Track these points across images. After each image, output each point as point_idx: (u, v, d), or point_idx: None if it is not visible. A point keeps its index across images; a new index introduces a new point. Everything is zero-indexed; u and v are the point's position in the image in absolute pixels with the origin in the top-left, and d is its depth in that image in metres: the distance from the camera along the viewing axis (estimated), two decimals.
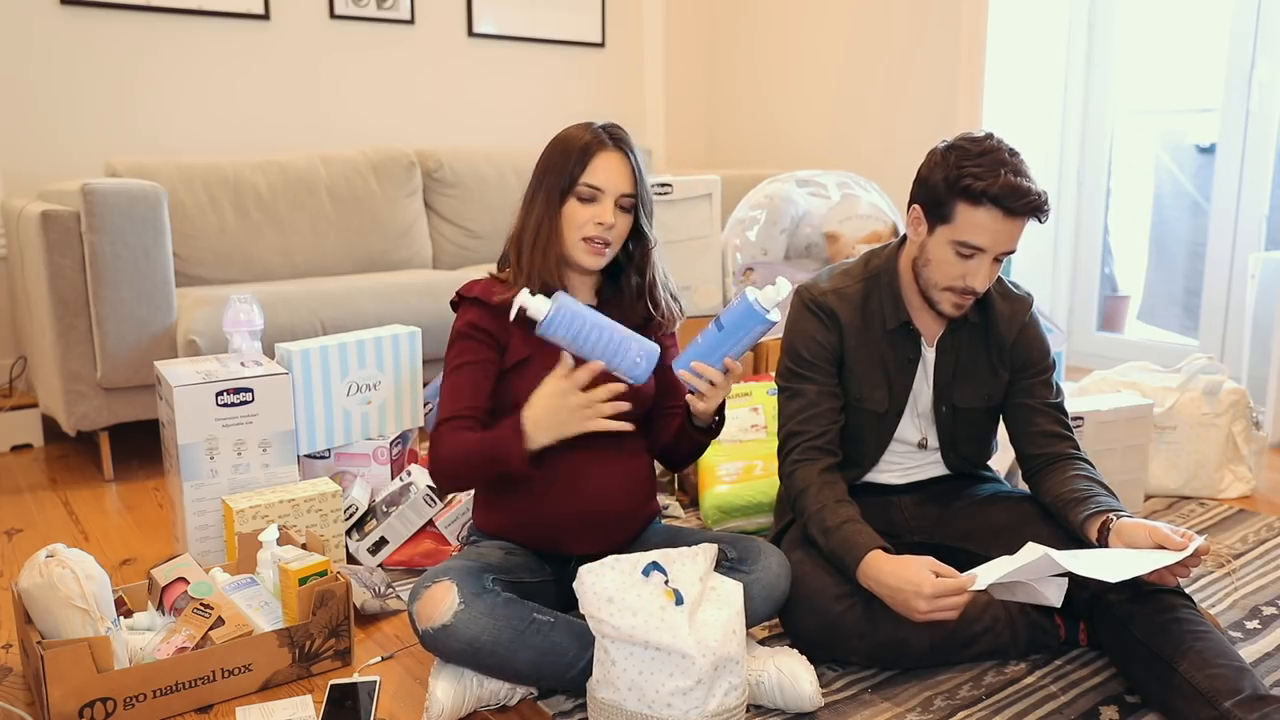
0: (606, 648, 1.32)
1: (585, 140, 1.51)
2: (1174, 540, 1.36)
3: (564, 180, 1.51)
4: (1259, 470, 2.41)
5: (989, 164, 1.47)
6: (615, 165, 1.51)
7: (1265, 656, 1.59)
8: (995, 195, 1.45)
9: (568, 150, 1.52)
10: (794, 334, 1.68)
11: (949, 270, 1.54)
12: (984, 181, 1.46)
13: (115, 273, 2.41)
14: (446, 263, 3.52)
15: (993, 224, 1.48)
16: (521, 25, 4.00)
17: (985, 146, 1.49)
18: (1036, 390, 1.67)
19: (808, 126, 4.09)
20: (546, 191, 1.52)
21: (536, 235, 1.53)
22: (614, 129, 1.54)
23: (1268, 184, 3.15)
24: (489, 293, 1.54)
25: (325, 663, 1.58)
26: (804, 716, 1.43)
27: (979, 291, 1.54)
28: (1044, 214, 1.50)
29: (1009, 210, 1.47)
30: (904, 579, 1.42)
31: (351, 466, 2.17)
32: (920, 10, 3.59)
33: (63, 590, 1.40)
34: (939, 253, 1.55)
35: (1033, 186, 1.47)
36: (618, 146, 1.52)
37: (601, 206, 1.51)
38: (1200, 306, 3.36)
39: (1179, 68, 3.49)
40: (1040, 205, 1.48)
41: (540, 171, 1.55)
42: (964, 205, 1.49)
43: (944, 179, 1.50)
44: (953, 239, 1.52)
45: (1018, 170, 1.47)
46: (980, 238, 1.49)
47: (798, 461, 1.62)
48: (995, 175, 1.45)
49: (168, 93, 3.29)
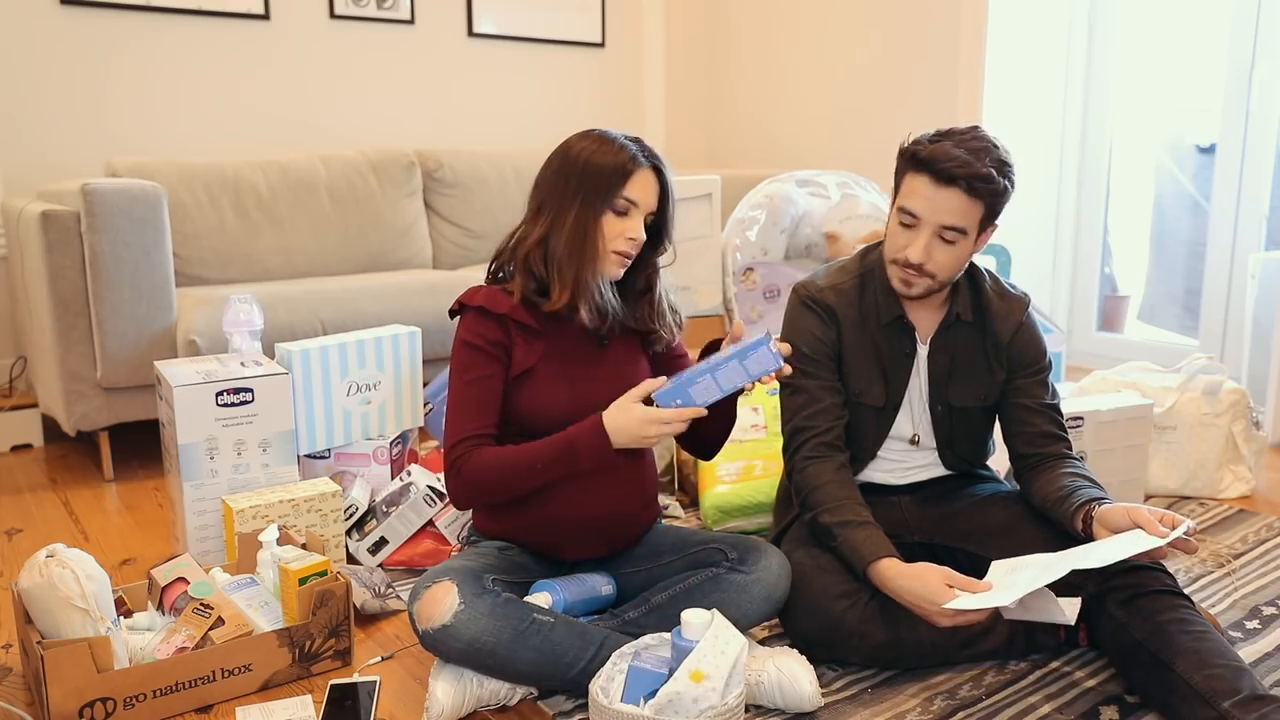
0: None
1: (628, 155, 1.51)
2: (1154, 525, 1.38)
3: (604, 192, 1.50)
4: (1259, 470, 2.41)
5: (940, 138, 1.51)
6: (651, 183, 1.53)
7: (1265, 656, 1.59)
8: (925, 159, 1.49)
9: (606, 163, 1.51)
10: (793, 331, 1.68)
11: (895, 242, 1.58)
12: (922, 148, 1.50)
13: (115, 273, 2.41)
14: (446, 263, 3.52)
15: (925, 190, 1.51)
16: (521, 25, 4.00)
17: (951, 129, 1.53)
18: (1032, 390, 1.67)
19: (808, 126, 4.09)
20: (585, 204, 1.50)
21: (574, 247, 1.51)
22: (645, 147, 1.55)
23: (1268, 184, 3.15)
24: (494, 301, 1.54)
25: (325, 663, 1.58)
26: (804, 716, 1.43)
27: (914, 263, 1.54)
28: (975, 188, 1.48)
29: (937, 174, 1.49)
30: (920, 596, 1.44)
31: (351, 466, 2.17)
32: (920, 11, 3.58)
33: (63, 590, 1.40)
34: (891, 225, 1.59)
35: (969, 158, 1.47)
36: (653, 164, 1.54)
37: (633, 221, 1.52)
38: (1200, 306, 3.36)
39: (1179, 68, 3.49)
40: (970, 174, 1.47)
41: (567, 178, 1.52)
42: (908, 175, 1.54)
43: (901, 152, 1.56)
44: (898, 206, 1.56)
45: (967, 146, 1.49)
46: (915, 203, 1.52)
47: (809, 458, 1.62)
48: (937, 145, 1.49)
49: (167, 93, 3.30)
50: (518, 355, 1.54)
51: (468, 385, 1.53)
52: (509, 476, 1.49)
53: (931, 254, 1.54)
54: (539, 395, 1.52)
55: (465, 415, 1.52)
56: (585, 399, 1.53)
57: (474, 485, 1.50)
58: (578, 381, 1.55)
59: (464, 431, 1.51)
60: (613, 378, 1.57)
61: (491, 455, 1.49)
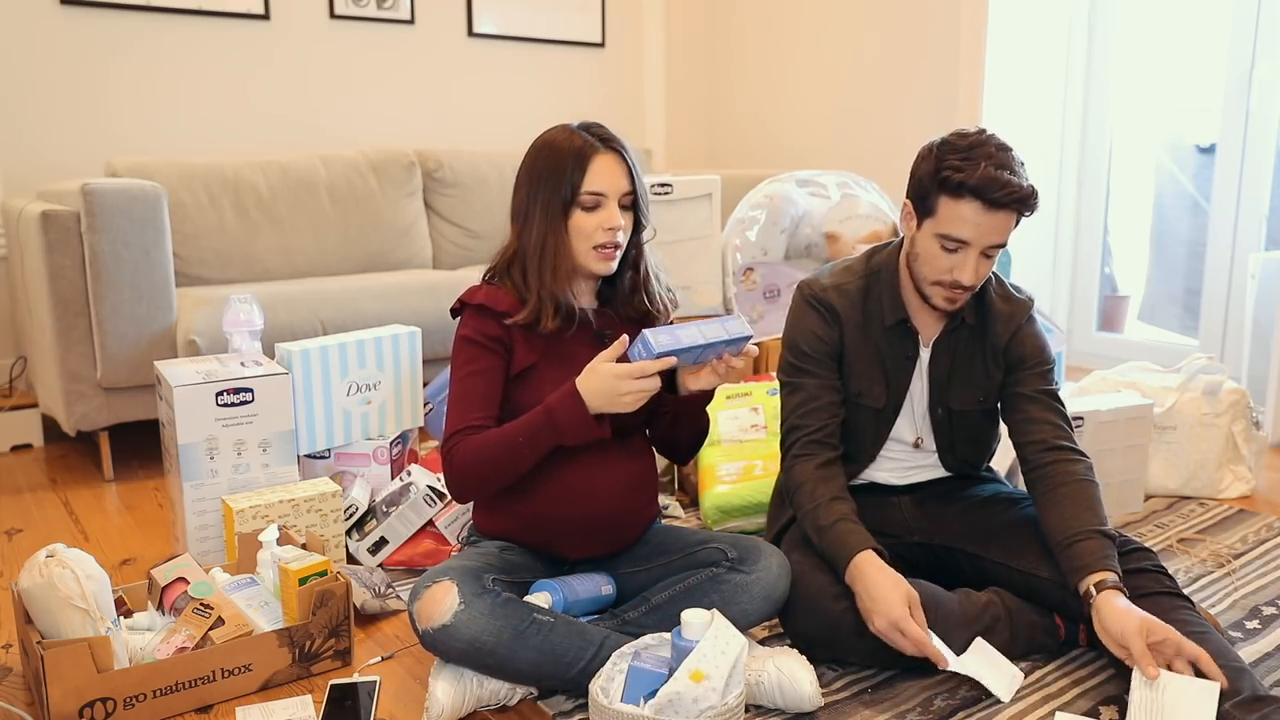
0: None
1: (577, 147, 1.48)
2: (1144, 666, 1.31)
3: (563, 192, 1.48)
4: (1259, 470, 2.41)
5: (972, 156, 1.47)
6: (612, 166, 1.49)
7: (1265, 656, 1.59)
8: (974, 187, 1.46)
9: (559, 160, 1.48)
10: (795, 329, 1.68)
11: (936, 264, 1.55)
12: (963, 173, 1.46)
13: (115, 273, 2.41)
14: (446, 263, 3.52)
15: (974, 216, 1.48)
16: (521, 25, 4.00)
17: (972, 140, 1.49)
18: (1033, 383, 1.65)
19: (808, 126, 4.08)
20: (544, 206, 1.49)
21: (542, 253, 1.49)
22: (599, 129, 1.52)
23: (1268, 184, 3.15)
24: (494, 299, 1.53)
25: (325, 663, 1.58)
26: (804, 716, 1.43)
27: (967, 285, 1.54)
28: (1028, 207, 1.49)
29: (989, 202, 1.47)
30: (875, 599, 1.43)
31: (351, 466, 2.17)
32: (920, 10, 3.58)
33: (63, 590, 1.40)
34: (926, 246, 1.55)
35: (1015, 179, 1.46)
36: (609, 147, 1.50)
37: (608, 211, 1.49)
38: (1200, 306, 3.36)
39: (1179, 68, 3.49)
40: (1022, 198, 1.47)
41: (529, 184, 1.51)
42: (946, 198, 1.50)
43: (928, 173, 1.52)
44: (937, 232, 1.52)
45: (1001, 163, 1.46)
46: (963, 230, 1.50)
47: (797, 457, 1.63)
48: (975, 167, 1.46)
49: (168, 93, 3.29)
50: (518, 354, 1.53)
51: (468, 378, 1.52)
52: (496, 456, 1.46)
53: (979, 272, 1.54)
54: (539, 394, 1.51)
55: (464, 407, 1.50)
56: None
57: (465, 472, 1.48)
58: None
59: (461, 423, 1.49)
60: None
61: (477, 439, 1.47)
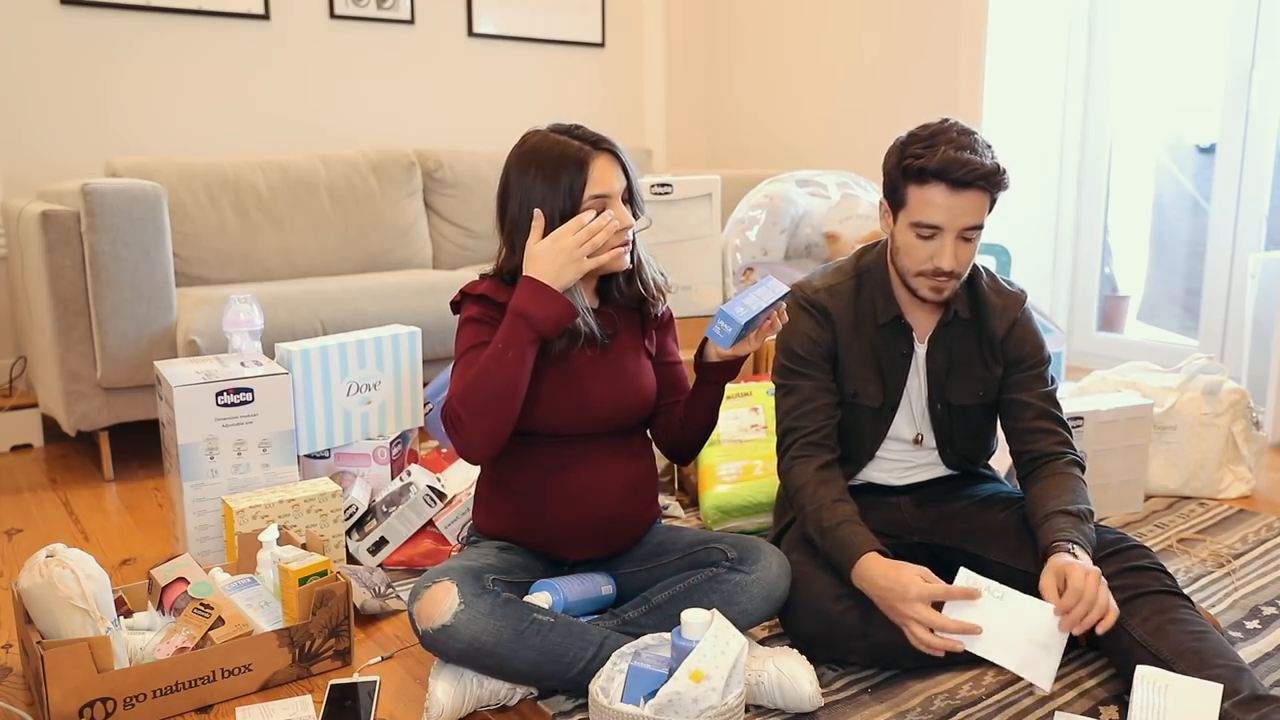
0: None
1: (572, 153, 1.47)
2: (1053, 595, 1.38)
3: (566, 202, 1.47)
4: (1259, 470, 2.41)
5: (933, 143, 1.50)
6: (608, 167, 1.49)
7: (1265, 656, 1.59)
8: (936, 170, 1.48)
9: (554, 169, 1.46)
10: (789, 332, 1.68)
11: (916, 254, 1.56)
12: (924, 159, 1.49)
13: (115, 273, 2.41)
14: (446, 263, 3.52)
15: (942, 199, 1.50)
16: (521, 25, 4.00)
17: (934, 129, 1.53)
18: (1030, 384, 1.67)
19: (808, 126, 4.09)
20: (547, 217, 1.46)
21: None
22: (583, 131, 1.51)
23: (1268, 184, 3.15)
24: (496, 292, 1.52)
25: (325, 663, 1.58)
26: (803, 716, 1.43)
27: (948, 270, 1.54)
28: (995, 185, 1.51)
29: (953, 183, 1.48)
30: (893, 579, 1.43)
31: (351, 466, 2.17)
32: (920, 10, 3.58)
33: (63, 590, 1.40)
34: (904, 239, 1.57)
35: (976, 158, 1.48)
36: (601, 148, 1.49)
37: (614, 211, 1.48)
38: (1200, 306, 3.36)
39: (1179, 68, 3.49)
40: (985, 174, 1.48)
41: (522, 195, 1.48)
42: (913, 186, 1.53)
43: (894, 165, 1.55)
44: (910, 221, 1.55)
45: (962, 145, 1.49)
46: (934, 215, 1.51)
47: (795, 458, 1.63)
48: (936, 151, 1.49)
49: (168, 93, 3.30)
50: None
51: (470, 351, 1.49)
52: (487, 376, 1.42)
53: (958, 257, 1.55)
54: (540, 394, 1.51)
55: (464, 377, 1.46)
56: (588, 398, 1.53)
57: (463, 411, 1.42)
58: (580, 380, 1.54)
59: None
60: (614, 377, 1.56)
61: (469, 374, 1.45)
